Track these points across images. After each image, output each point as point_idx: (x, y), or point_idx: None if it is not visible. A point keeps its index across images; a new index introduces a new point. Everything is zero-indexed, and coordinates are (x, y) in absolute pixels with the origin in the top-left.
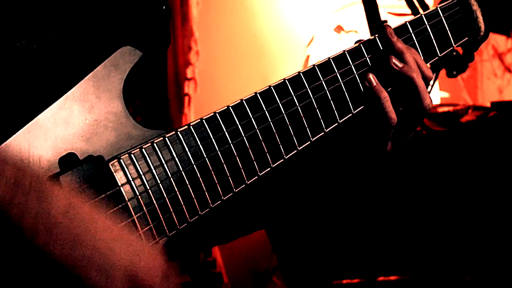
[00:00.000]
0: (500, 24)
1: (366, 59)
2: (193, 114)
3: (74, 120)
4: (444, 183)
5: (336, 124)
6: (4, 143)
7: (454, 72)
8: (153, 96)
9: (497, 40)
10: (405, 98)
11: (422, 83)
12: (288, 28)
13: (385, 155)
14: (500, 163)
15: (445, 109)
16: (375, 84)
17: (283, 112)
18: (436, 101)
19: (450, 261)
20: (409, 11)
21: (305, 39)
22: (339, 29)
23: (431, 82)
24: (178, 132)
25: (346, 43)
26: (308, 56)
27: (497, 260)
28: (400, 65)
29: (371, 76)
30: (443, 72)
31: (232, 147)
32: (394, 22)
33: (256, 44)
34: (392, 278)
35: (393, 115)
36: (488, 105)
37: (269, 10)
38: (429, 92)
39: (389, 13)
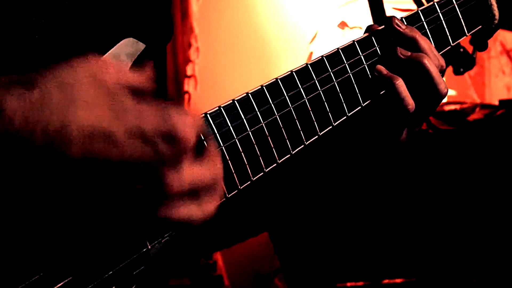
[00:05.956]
0: (508, 20)
1: (376, 49)
2: None
3: None
4: (451, 183)
5: (345, 117)
6: None
7: (461, 70)
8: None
9: (505, 36)
10: (418, 85)
11: (434, 68)
12: (290, 24)
13: (399, 145)
14: (509, 162)
15: (452, 107)
16: (385, 72)
17: (290, 106)
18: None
19: (457, 263)
20: (414, 6)
21: (308, 36)
22: (343, 25)
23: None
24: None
25: (350, 39)
26: (311, 53)
27: (505, 262)
28: (407, 53)
29: (379, 66)
30: (449, 70)
31: (237, 142)
32: (399, 18)
33: (257, 41)
34: (398, 280)
35: (410, 100)
36: (496, 103)
37: (271, 6)
38: None
39: (394, 8)
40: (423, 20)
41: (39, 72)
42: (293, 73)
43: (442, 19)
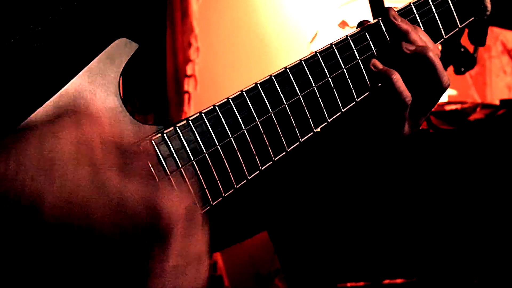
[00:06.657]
0: (509, 19)
1: (369, 43)
2: (193, 112)
3: None
4: (452, 183)
5: (340, 113)
6: None
7: (462, 69)
8: (151, 94)
9: (506, 36)
10: (421, 77)
11: (438, 60)
12: (290, 23)
13: (402, 137)
14: (510, 162)
15: (453, 107)
16: (381, 67)
17: (284, 103)
18: (443, 99)
19: (458, 264)
20: None
21: (308, 35)
22: (343, 24)
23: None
24: (177, 127)
25: None
26: (312, 53)
27: (506, 262)
28: (412, 47)
29: (374, 60)
30: (450, 69)
31: (233, 140)
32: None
33: (258, 41)
34: (398, 281)
35: (407, 93)
36: (497, 103)
37: (271, 5)
38: None
39: (394, 8)
40: (416, 13)
41: (19, 134)
42: (287, 69)
43: (434, 11)
